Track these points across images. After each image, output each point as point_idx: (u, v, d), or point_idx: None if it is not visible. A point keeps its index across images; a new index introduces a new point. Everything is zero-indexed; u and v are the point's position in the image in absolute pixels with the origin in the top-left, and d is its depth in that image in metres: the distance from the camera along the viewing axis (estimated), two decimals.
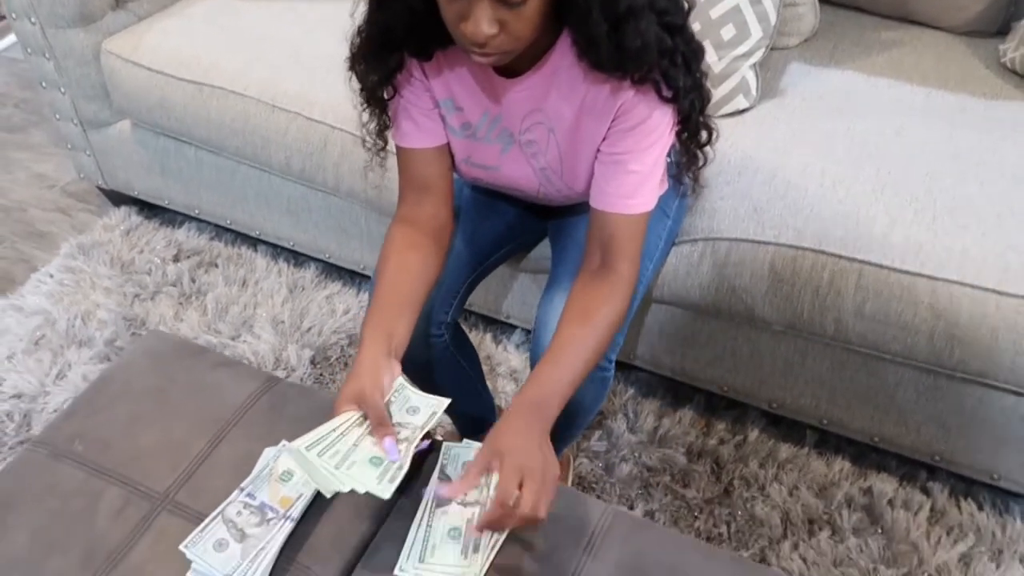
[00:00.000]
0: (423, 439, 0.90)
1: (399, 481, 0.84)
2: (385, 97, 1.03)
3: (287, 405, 1.04)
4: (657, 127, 0.96)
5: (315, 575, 0.88)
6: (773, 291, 1.29)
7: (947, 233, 1.20)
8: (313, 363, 1.67)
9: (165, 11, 1.77)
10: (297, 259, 1.89)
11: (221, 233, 1.95)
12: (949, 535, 1.37)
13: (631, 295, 1.01)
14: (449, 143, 1.08)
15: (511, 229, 1.26)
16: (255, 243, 1.92)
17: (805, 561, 1.34)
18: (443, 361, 1.22)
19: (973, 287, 1.17)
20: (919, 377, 1.31)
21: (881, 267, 1.21)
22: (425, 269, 1.03)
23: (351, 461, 0.84)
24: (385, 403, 0.91)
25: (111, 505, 0.93)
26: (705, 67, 0.96)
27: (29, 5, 1.66)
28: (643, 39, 0.85)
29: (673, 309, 1.44)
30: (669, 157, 1.09)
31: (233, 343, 1.70)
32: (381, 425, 0.88)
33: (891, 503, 1.42)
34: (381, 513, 0.94)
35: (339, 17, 1.14)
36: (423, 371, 1.19)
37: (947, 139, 1.34)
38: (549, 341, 0.98)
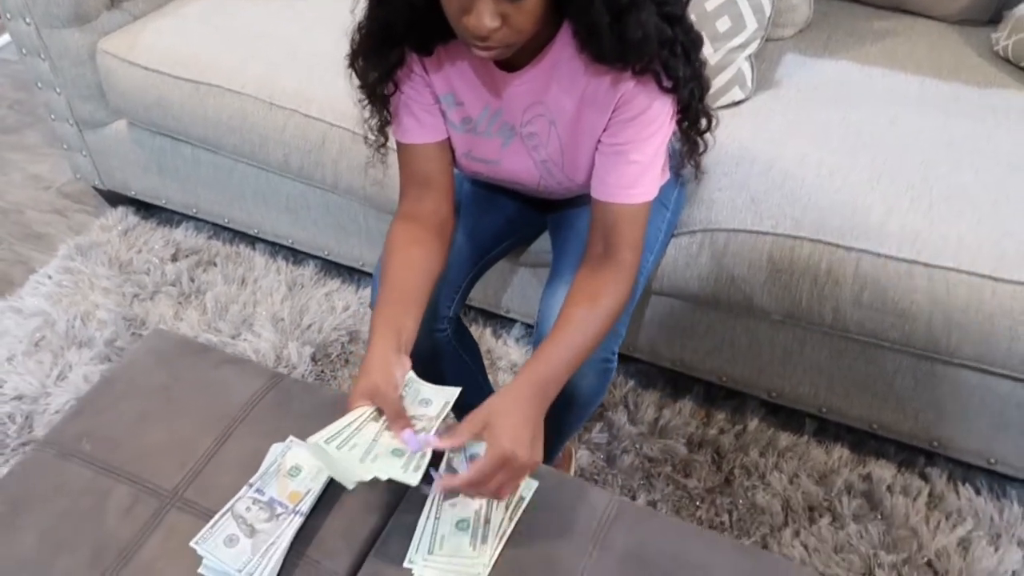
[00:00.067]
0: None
1: (424, 469, 0.85)
2: (386, 93, 1.03)
3: (292, 401, 1.05)
4: (657, 117, 0.96)
5: (325, 569, 0.89)
6: (771, 281, 1.30)
7: (943, 221, 1.21)
8: (314, 360, 1.67)
9: (160, 10, 1.77)
10: (296, 257, 1.89)
11: (219, 232, 1.95)
12: (948, 520, 1.39)
13: (634, 283, 1.02)
14: (449, 138, 1.09)
15: (511, 223, 1.27)
16: (254, 241, 1.92)
17: (806, 548, 1.36)
18: (446, 355, 1.23)
19: (969, 274, 1.18)
20: (917, 364, 1.33)
21: (878, 255, 1.22)
22: (429, 264, 1.04)
23: (374, 454, 0.85)
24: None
25: (120, 503, 0.94)
26: (703, 56, 0.97)
27: (24, 5, 1.65)
28: (644, 30, 0.86)
29: (672, 300, 1.45)
30: (670, 146, 1.09)
31: (233, 342, 1.70)
32: (399, 418, 0.88)
33: (890, 489, 1.43)
34: (390, 506, 0.95)
35: (336, 14, 1.15)
36: (427, 365, 1.19)
37: (941, 127, 1.36)
38: None
